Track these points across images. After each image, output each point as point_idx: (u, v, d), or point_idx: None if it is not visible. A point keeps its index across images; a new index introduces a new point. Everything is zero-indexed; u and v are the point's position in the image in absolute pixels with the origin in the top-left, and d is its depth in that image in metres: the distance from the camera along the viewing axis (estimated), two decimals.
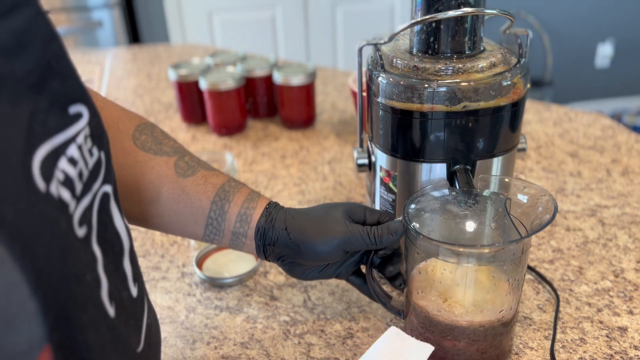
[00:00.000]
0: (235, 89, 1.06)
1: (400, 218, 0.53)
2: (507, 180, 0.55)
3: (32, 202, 0.27)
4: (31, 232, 0.26)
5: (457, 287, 0.51)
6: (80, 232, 0.32)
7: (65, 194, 0.31)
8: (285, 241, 0.54)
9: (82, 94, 0.33)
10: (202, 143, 1.08)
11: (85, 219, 0.33)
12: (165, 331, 0.62)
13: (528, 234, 0.49)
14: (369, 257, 0.56)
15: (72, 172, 0.31)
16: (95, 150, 0.35)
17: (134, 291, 0.40)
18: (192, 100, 1.14)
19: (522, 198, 0.53)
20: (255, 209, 0.55)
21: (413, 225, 0.51)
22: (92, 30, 2.54)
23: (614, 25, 2.97)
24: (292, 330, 0.61)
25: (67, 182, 0.31)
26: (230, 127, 1.10)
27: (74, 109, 0.32)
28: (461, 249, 0.49)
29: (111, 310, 0.35)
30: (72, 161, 0.32)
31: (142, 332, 0.41)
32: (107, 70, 1.22)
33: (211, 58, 1.22)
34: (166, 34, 2.63)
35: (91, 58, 1.23)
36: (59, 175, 0.30)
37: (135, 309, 0.40)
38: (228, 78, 1.06)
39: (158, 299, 0.67)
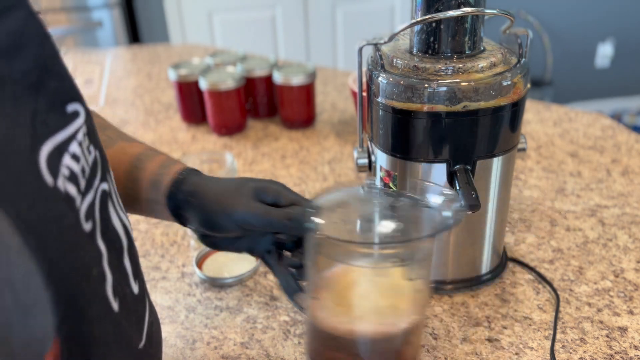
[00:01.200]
0: (235, 89, 1.06)
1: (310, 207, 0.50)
2: (427, 184, 0.54)
3: (43, 196, 0.28)
4: (43, 224, 0.28)
5: (355, 294, 0.48)
6: (87, 226, 0.33)
7: (72, 189, 0.31)
8: (190, 206, 0.53)
9: (76, 93, 0.34)
10: (202, 143, 1.08)
11: (90, 214, 0.34)
12: (165, 331, 0.62)
13: (422, 236, 0.47)
14: (280, 241, 0.54)
15: (76, 167, 0.32)
16: (92, 149, 0.35)
17: (135, 288, 0.41)
18: (192, 100, 1.14)
19: (436, 202, 0.51)
20: (167, 175, 0.54)
21: (312, 220, 0.47)
22: (92, 30, 2.54)
23: (614, 25, 2.97)
24: (292, 330, 0.61)
25: (72, 178, 0.32)
26: (230, 127, 1.10)
27: (71, 107, 0.33)
28: (344, 244, 0.46)
29: (115, 305, 0.36)
30: (75, 157, 0.32)
31: (143, 329, 0.42)
32: (107, 70, 1.22)
33: (211, 58, 1.22)
34: (166, 34, 2.63)
35: (91, 58, 1.23)
36: (64, 171, 0.31)
37: (137, 306, 0.41)
38: (228, 78, 1.06)
39: (158, 299, 0.67)
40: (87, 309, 0.32)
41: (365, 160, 0.64)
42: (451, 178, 0.58)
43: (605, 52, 3.03)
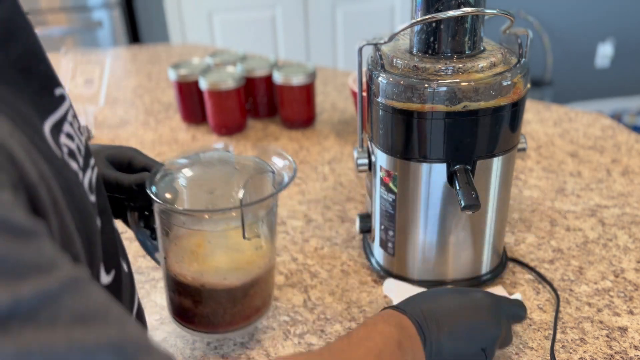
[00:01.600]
0: (235, 89, 1.06)
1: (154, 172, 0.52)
2: (266, 147, 0.57)
3: (59, 165, 0.31)
4: (67, 187, 0.31)
5: (204, 252, 0.51)
6: (92, 198, 0.36)
7: (74, 164, 0.34)
8: None
9: (58, 79, 0.36)
10: (202, 143, 1.08)
11: (91, 189, 0.36)
12: (165, 331, 0.62)
13: (254, 202, 0.50)
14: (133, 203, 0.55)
15: (72, 145, 0.34)
16: (79, 132, 0.38)
17: (124, 266, 0.43)
18: (192, 100, 1.14)
19: (277, 162, 0.54)
20: None
21: (153, 189, 0.50)
22: (92, 30, 2.54)
23: (614, 25, 2.97)
24: (292, 330, 0.61)
25: (72, 154, 0.34)
26: (230, 127, 1.10)
27: (58, 91, 0.35)
28: (192, 214, 0.49)
29: (108, 278, 0.38)
30: (70, 136, 0.35)
31: (134, 307, 0.45)
32: (107, 70, 1.22)
33: (211, 58, 1.22)
34: (166, 34, 2.63)
35: (91, 58, 1.23)
36: (64, 149, 0.33)
37: (129, 283, 0.44)
38: (228, 78, 1.06)
39: (158, 299, 0.67)
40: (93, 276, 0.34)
41: (365, 160, 0.64)
42: (451, 178, 0.58)
43: (605, 52, 3.02)
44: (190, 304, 0.53)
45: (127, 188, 0.51)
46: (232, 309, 0.54)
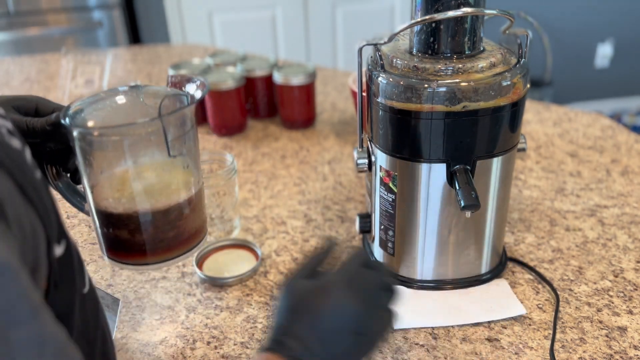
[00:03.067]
0: (235, 89, 1.06)
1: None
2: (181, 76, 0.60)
3: (5, 145, 0.33)
4: (19, 171, 0.32)
5: (129, 176, 0.51)
6: (38, 174, 0.36)
7: (16, 142, 0.35)
8: None
9: None
10: (202, 143, 1.08)
11: (35, 165, 0.37)
12: (166, 331, 0.62)
13: (161, 115, 0.50)
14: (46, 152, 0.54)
15: (9, 125, 0.36)
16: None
17: (64, 245, 0.45)
18: None
19: (188, 87, 0.56)
20: None
21: (68, 118, 0.48)
22: (92, 30, 2.54)
23: (614, 25, 2.97)
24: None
25: (13, 132, 0.35)
26: (230, 127, 1.10)
27: None
28: (106, 130, 0.49)
29: (60, 249, 0.40)
30: (3, 116, 0.36)
31: (85, 278, 0.45)
32: (107, 70, 1.22)
33: (211, 58, 1.22)
34: (166, 34, 2.63)
35: (91, 58, 1.23)
36: (2, 130, 0.34)
37: (78, 255, 0.45)
38: (228, 78, 1.06)
39: (158, 298, 0.67)
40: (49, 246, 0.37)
41: (365, 160, 0.64)
42: (451, 178, 0.58)
43: (604, 52, 3.03)
44: (126, 235, 0.52)
45: (41, 130, 0.50)
46: (169, 232, 0.53)
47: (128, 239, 0.52)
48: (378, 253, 0.69)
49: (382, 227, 0.66)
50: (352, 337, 0.44)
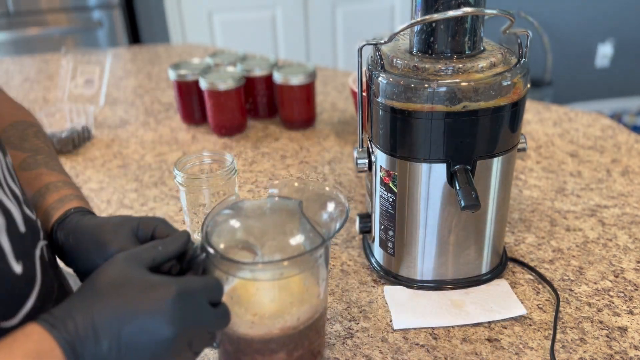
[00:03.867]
0: (235, 89, 1.06)
1: (183, 230, 0.48)
2: (296, 184, 0.53)
3: None
4: None
5: (264, 300, 0.48)
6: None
7: None
8: (68, 245, 0.51)
9: None
10: (202, 143, 1.08)
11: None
12: None
13: (325, 240, 0.47)
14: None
15: None
16: None
17: (17, 268, 0.42)
18: (192, 100, 1.14)
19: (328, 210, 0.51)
20: (57, 210, 0.54)
21: (210, 243, 0.46)
22: (92, 30, 2.54)
23: (614, 25, 2.97)
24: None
25: None
26: (230, 127, 1.10)
27: None
28: (260, 266, 0.46)
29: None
30: None
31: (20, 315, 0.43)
32: (107, 70, 1.22)
33: (211, 58, 1.22)
34: (166, 34, 2.63)
35: (91, 58, 1.23)
36: None
37: (20, 285, 0.43)
38: (228, 78, 1.06)
39: None
40: None
41: (365, 160, 0.64)
42: (451, 178, 0.58)
43: (605, 52, 3.03)
44: (257, 355, 0.50)
45: (180, 254, 0.46)
46: (295, 353, 0.51)
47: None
48: (378, 253, 0.69)
49: (382, 227, 0.65)
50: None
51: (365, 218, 0.70)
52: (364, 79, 0.62)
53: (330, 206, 0.51)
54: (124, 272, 0.40)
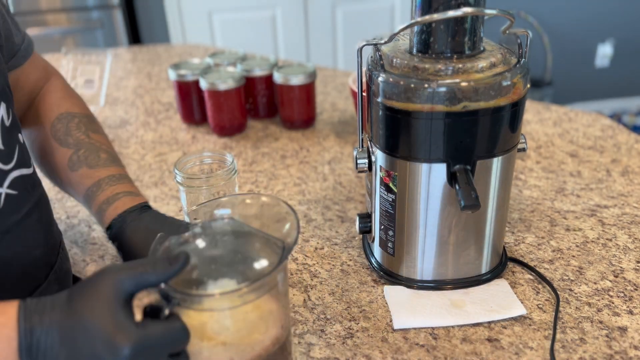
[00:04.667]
0: (235, 89, 1.06)
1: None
2: (248, 201, 0.51)
3: None
4: None
5: (222, 329, 0.46)
6: None
7: None
8: (118, 248, 0.61)
9: None
10: (202, 143, 1.08)
11: None
12: None
13: (277, 265, 0.45)
14: None
15: None
16: None
17: None
18: (192, 100, 1.14)
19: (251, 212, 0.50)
20: (107, 213, 0.61)
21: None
22: (92, 30, 2.54)
23: (614, 26, 2.97)
24: (292, 331, 0.61)
25: None
26: (230, 127, 1.10)
27: None
28: (218, 297, 0.44)
29: None
30: None
31: None
32: (107, 70, 1.22)
33: (211, 58, 1.22)
34: (166, 34, 2.63)
35: (91, 58, 1.23)
36: None
37: None
38: (228, 78, 1.06)
39: None
40: None
41: (365, 160, 0.64)
42: (451, 178, 0.58)
43: (605, 52, 3.03)
44: None
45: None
46: None
47: None
48: (378, 253, 0.69)
49: (382, 227, 0.65)
50: None
51: (365, 218, 0.70)
52: (364, 79, 0.62)
53: (284, 223, 0.49)
54: (102, 298, 0.40)
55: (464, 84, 0.53)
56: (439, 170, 0.58)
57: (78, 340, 0.39)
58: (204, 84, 1.06)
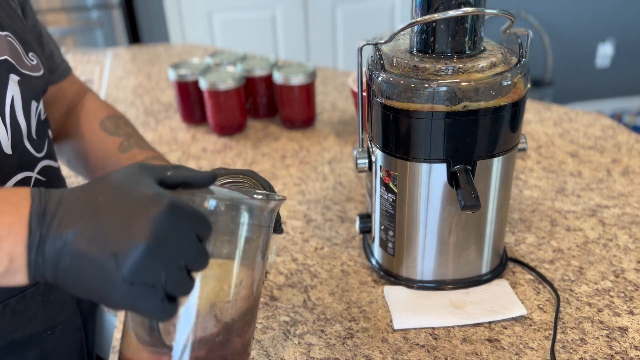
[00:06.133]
0: (235, 89, 1.06)
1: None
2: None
3: None
4: None
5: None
6: None
7: None
8: None
9: None
10: (202, 143, 1.08)
11: None
12: None
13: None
14: None
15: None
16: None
17: None
18: (191, 100, 1.14)
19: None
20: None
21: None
22: (92, 30, 2.54)
23: (614, 25, 2.97)
24: (292, 331, 0.61)
25: None
26: (230, 127, 1.10)
27: None
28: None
29: None
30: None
31: None
32: (107, 70, 1.22)
33: (211, 58, 1.22)
34: (166, 34, 2.63)
35: (91, 58, 1.23)
36: None
37: None
38: (228, 78, 1.06)
39: None
40: None
41: (365, 160, 0.64)
42: (451, 178, 0.58)
43: (605, 52, 3.03)
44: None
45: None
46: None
47: None
48: (378, 253, 0.68)
49: (382, 227, 0.65)
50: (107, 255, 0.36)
51: (365, 218, 0.70)
52: (364, 79, 0.62)
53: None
54: (134, 173, 0.39)
55: (464, 83, 0.53)
56: (439, 170, 0.58)
57: (110, 199, 0.37)
58: (203, 84, 1.06)
